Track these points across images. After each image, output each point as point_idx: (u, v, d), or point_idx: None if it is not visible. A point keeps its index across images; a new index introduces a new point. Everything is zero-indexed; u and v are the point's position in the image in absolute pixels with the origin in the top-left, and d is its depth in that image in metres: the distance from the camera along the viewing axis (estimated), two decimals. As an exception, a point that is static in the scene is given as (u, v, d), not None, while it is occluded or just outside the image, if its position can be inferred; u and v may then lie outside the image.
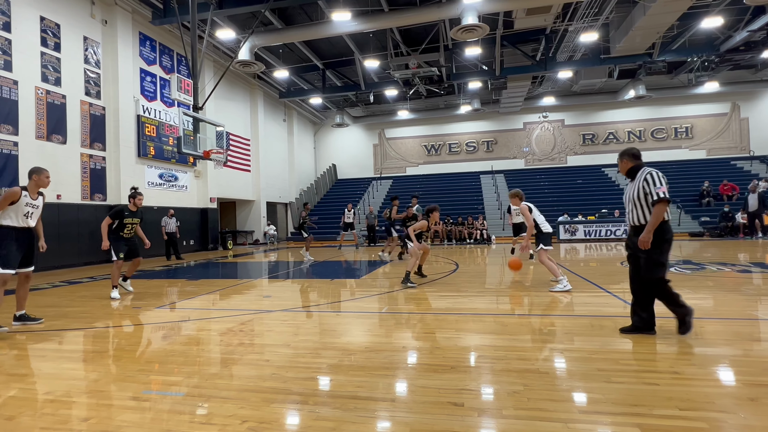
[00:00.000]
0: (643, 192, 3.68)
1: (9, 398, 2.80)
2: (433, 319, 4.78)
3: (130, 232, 6.63)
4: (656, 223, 3.58)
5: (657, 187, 3.61)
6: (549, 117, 26.65)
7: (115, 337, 4.41)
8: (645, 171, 3.74)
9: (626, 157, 3.92)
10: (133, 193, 6.72)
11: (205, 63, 15.95)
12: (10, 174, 10.15)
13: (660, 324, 3.83)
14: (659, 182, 3.63)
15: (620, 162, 3.97)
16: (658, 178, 3.65)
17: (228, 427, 2.32)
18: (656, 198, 3.58)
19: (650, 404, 2.44)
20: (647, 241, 3.60)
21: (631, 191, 3.81)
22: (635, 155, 3.90)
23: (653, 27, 14.70)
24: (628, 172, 3.92)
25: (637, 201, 3.75)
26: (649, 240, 3.60)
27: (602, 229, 17.60)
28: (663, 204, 3.58)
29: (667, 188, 3.63)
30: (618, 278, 7.33)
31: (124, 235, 6.55)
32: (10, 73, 10.25)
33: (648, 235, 3.60)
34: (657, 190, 3.59)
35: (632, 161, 3.89)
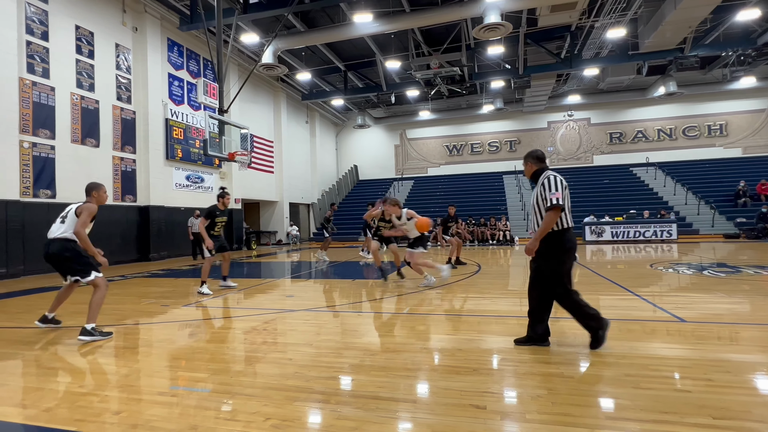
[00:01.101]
0: (541, 197, 3.43)
1: (47, 391, 2.93)
2: (455, 320, 4.74)
3: (220, 229, 7.03)
4: (545, 231, 3.34)
5: (551, 192, 3.35)
6: (574, 116, 26.07)
7: (144, 334, 4.56)
8: (545, 175, 3.49)
9: (530, 159, 3.69)
10: (222, 192, 7.11)
11: (230, 67, 16.30)
12: (47, 177, 10.62)
13: (692, 329, 3.70)
14: (554, 187, 3.37)
15: (525, 165, 3.75)
16: (555, 182, 3.39)
17: (252, 424, 2.36)
18: (549, 204, 3.33)
19: (681, 412, 2.36)
20: (532, 249, 3.39)
21: (533, 196, 3.58)
22: (539, 158, 3.67)
23: (685, 21, 14.18)
24: (531, 176, 3.66)
25: (536, 207, 3.50)
26: (534, 248, 3.38)
27: (630, 231, 17.09)
28: (555, 211, 3.31)
29: (562, 194, 3.34)
30: (647, 281, 7.10)
31: (214, 233, 6.91)
32: (48, 80, 10.73)
33: (534, 243, 3.37)
34: (551, 196, 3.34)
35: (536, 164, 3.65)
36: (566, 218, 3.42)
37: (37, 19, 10.53)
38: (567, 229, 3.43)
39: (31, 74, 10.33)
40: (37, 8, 10.53)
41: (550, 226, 3.34)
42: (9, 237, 9.49)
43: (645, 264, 9.62)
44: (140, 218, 13.21)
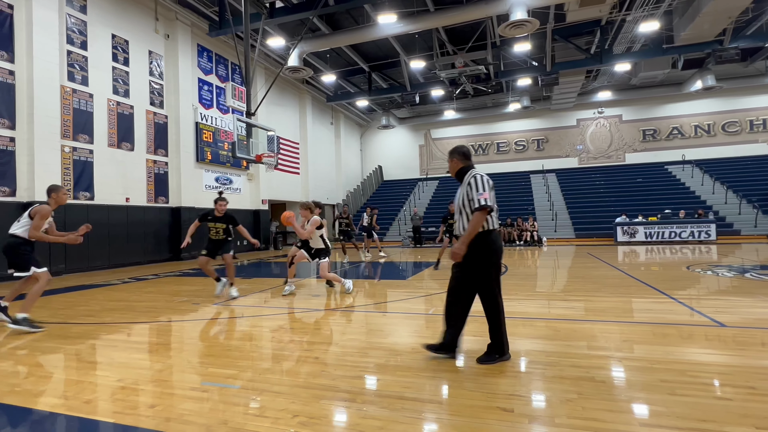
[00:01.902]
0: (467, 198, 3.24)
1: (87, 383, 3.07)
2: (481, 322, 4.68)
3: (216, 235, 6.74)
4: (472, 233, 3.14)
5: (479, 193, 3.17)
6: (605, 112, 25.29)
7: (176, 331, 4.71)
8: (470, 174, 3.29)
9: (456, 156, 3.46)
10: (217, 198, 6.83)
11: (256, 71, 16.67)
12: (86, 179, 11.13)
13: (734, 334, 3.53)
14: (482, 187, 3.18)
15: (449, 162, 3.52)
16: (482, 182, 3.20)
17: (280, 421, 2.40)
18: (476, 205, 3.15)
19: (721, 420, 2.25)
20: (459, 254, 3.17)
21: (458, 196, 3.38)
22: (465, 155, 3.45)
23: (724, 11, 13.53)
24: (456, 174, 3.45)
25: (462, 208, 3.30)
26: (461, 252, 3.16)
27: (665, 231, 16.45)
28: (483, 212, 3.13)
29: (490, 195, 3.18)
30: (683, 283, 6.82)
31: (211, 236, 6.78)
32: (87, 87, 11.24)
33: (461, 246, 3.15)
34: (478, 197, 3.16)
35: (462, 161, 3.43)
36: (492, 220, 3.25)
37: (76, 29, 11.05)
38: (492, 231, 3.26)
39: (71, 82, 10.85)
40: (77, 19, 11.06)
41: (478, 228, 3.14)
42: (52, 237, 9.98)
43: (681, 266, 9.24)
44: (172, 219, 13.66)
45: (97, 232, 11.08)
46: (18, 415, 2.64)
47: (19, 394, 2.91)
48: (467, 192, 3.25)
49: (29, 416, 2.62)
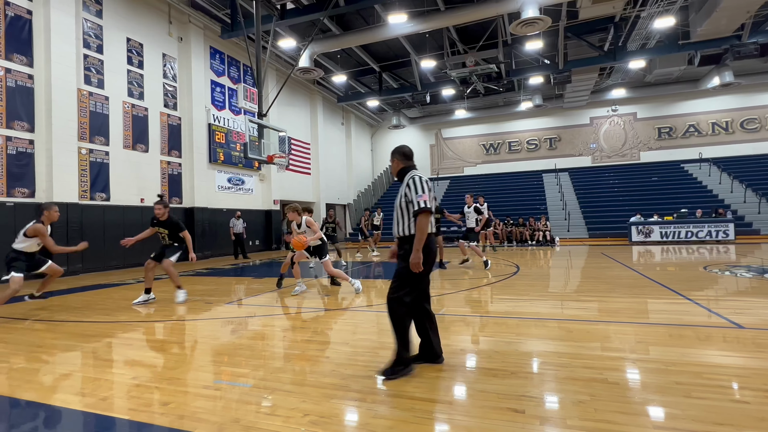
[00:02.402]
0: (406, 200, 3.13)
1: (103, 381, 3.14)
2: (492, 322, 4.66)
3: (163, 239, 6.56)
4: (422, 239, 3.02)
5: (418, 195, 3.05)
6: (619, 110, 24.92)
7: (189, 330, 4.77)
8: (410, 175, 3.18)
9: (396, 156, 3.34)
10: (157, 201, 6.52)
11: (268, 72, 16.81)
12: (102, 180, 11.35)
13: (752, 336, 3.45)
14: (421, 189, 3.07)
15: (391, 162, 3.41)
16: (420, 184, 3.09)
17: (291, 420, 2.42)
18: (417, 208, 3.03)
19: (738, 424, 2.20)
20: (417, 263, 3.03)
21: (397, 197, 3.27)
22: (406, 155, 3.33)
23: (742, 6, 13.21)
24: (397, 174, 3.33)
25: (400, 209, 3.19)
26: (418, 260, 3.02)
27: (681, 231, 16.14)
28: (425, 215, 3.02)
29: (430, 196, 3.06)
30: (700, 284, 6.69)
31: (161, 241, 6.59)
32: (103, 90, 11.46)
33: (416, 254, 3.02)
34: (418, 199, 3.04)
35: (403, 162, 3.31)
36: (432, 223, 3.16)
37: (92, 33, 11.27)
38: (430, 234, 3.14)
39: (87, 85, 11.07)
40: (93, 23, 11.28)
41: (424, 230, 3.03)
42: (69, 237, 10.21)
43: (698, 266, 9.06)
44: (185, 219, 13.84)
45: (112, 233, 11.30)
46: (36, 410, 2.71)
47: (37, 391, 2.98)
48: (406, 193, 3.13)
49: (47, 412, 2.68)
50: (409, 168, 3.29)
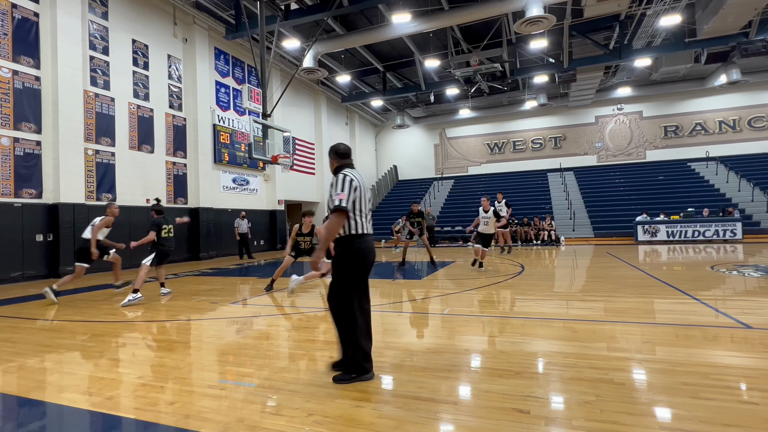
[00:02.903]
0: (330, 198, 3.03)
1: (109, 380, 3.16)
2: (497, 322, 4.65)
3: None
4: (328, 238, 2.96)
5: (336, 193, 2.95)
6: (624, 109, 24.75)
7: (195, 330, 4.79)
8: (338, 173, 3.08)
9: (332, 155, 3.25)
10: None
11: (272, 72, 16.83)
12: (108, 181, 11.42)
13: (760, 336, 3.41)
14: (340, 187, 2.95)
15: (329, 160, 3.32)
16: (342, 182, 2.96)
17: (295, 419, 2.42)
18: (332, 206, 2.92)
19: (747, 425, 2.18)
20: (316, 261, 2.97)
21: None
22: (338, 153, 3.22)
23: (750, 3, 13.07)
24: (334, 173, 3.22)
25: (328, 209, 3.10)
26: (318, 259, 2.96)
27: (688, 230, 16.00)
28: (338, 214, 2.90)
29: (350, 195, 2.93)
30: (707, 284, 6.63)
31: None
32: (108, 92, 11.54)
33: (318, 253, 2.97)
34: (336, 196, 2.93)
35: (337, 160, 3.21)
36: (358, 223, 3.00)
37: (98, 35, 11.35)
38: (357, 235, 2.99)
39: (93, 87, 11.15)
40: (99, 25, 11.36)
41: (334, 231, 2.94)
42: (76, 237, 10.27)
43: (705, 266, 8.98)
44: (191, 219, 13.90)
45: (118, 233, 11.36)
46: (43, 410, 2.73)
47: (44, 390, 3.01)
48: (330, 192, 3.06)
49: (54, 411, 2.71)
50: (344, 166, 3.17)
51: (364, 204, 3.06)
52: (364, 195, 3.07)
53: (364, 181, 3.15)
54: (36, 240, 9.75)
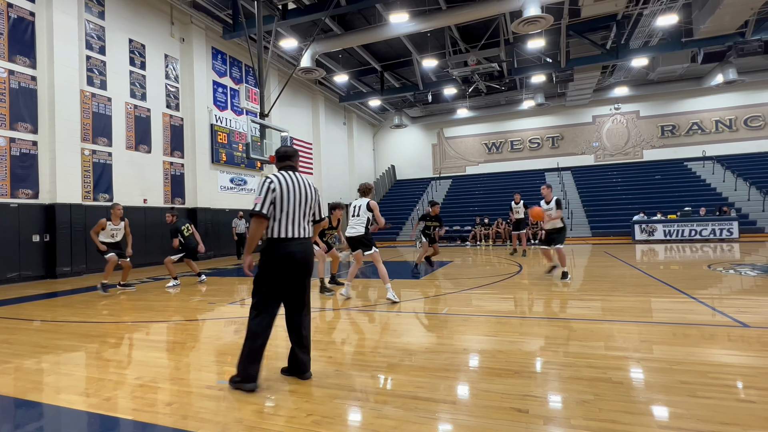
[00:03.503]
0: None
1: (107, 381, 3.14)
2: (495, 321, 4.65)
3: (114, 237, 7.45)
4: (250, 243, 2.91)
5: (256, 197, 2.91)
6: (621, 108, 24.82)
7: (193, 330, 4.78)
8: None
9: (276, 156, 3.19)
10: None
11: (270, 72, 16.80)
12: (105, 181, 11.38)
13: (758, 335, 3.42)
14: (259, 191, 2.91)
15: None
16: (261, 186, 2.91)
17: (294, 420, 2.42)
18: (251, 210, 2.90)
19: (744, 423, 2.19)
20: (248, 265, 2.97)
21: None
22: (278, 156, 3.14)
23: (746, 3, 13.13)
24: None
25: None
26: (247, 264, 2.96)
27: (685, 229, 16.07)
28: (255, 218, 2.86)
29: (263, 199, 2.86)
30: (704, 283, 6.66)
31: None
32: (105, 92, 11.50)
33: (244, 257, 2.97)
34: (255, 201, 2.88)
35: (276, 163, 3.17)
36: (280, 227, 2.90)
37: (95, 34, 11.30)
38: (279, 240, 2.90)
39: (90, 86, 11.10)
40: (95, 25, 11.31)
41: (253, 235, 2.89)
42: (73, 238, 10.25)
43: (702, 265, 9.02)
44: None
45: (116, 233, 11.33)
46: (40, 411, 2.72)
47: (41, 391, 2.99)
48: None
49: (51, 412, 2.69)
50: (281, 169, 3.09)
51: (291, 206, 2.91)
52: (292, 197, 2.92)
53: (298, 182, 2.98)
54: (33, 240, 9.71)
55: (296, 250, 2.93)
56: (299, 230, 2.96)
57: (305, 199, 3.00)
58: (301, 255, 2.95)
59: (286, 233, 2.91)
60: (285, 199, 2.91)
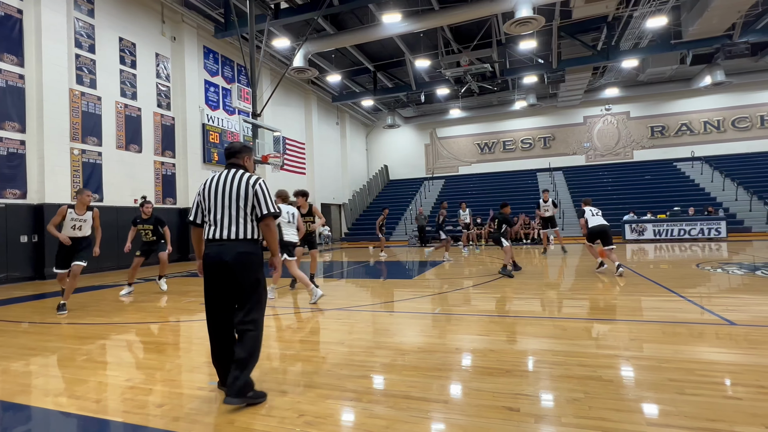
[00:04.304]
0: None
1: (96, 383, 3.11)
2: (487, 321, 4.67)
3: (147, 236, 7.44)
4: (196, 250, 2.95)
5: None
6: (612, 109, 25.07)
7: (184, 331, 4.75)
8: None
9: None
10: (142, 202, 7.50)
11: (262, 72, 16.73)
12: (95, 181, 11.25)
13: (744, 333, 3.47)
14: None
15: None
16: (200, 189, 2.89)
17: (286, 420, 2.41)
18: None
19: (731, 420, 2.23)
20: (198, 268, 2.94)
21: None
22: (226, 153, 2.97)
23: (733, 6, 13.33)
24: None
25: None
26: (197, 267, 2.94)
27: (674, 229, 16.27)
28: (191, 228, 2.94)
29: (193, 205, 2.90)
30: (693, 281, 6.75)
31: (142, 238, 7.47)
32: (95, 90, 11.36)
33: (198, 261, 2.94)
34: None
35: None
36: (206, 230, 2.80)
37: (84, 33, 11.17)
38: (207, 242, 2.79)
39: (80, 85, 10.97)
40: (84, 23, 11.18)
41: (194, 243, 2.94)
42: (62, 238, 10.11)
43: (691, 264, 9.14)
44: (180, 220, 13.76)
45: (106, 234, 11.18)
46: (29, 414, 2.68)
47: (29, 394, 2.96)
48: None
49: (40, 415, 2.66)
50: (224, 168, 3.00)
51: (212, 207, 2.77)
52: (212, 197, 2.77)
53: (224, 180, 2.79)
54: (20, 241, 9.57)
55: (211, 252, 2.73)
56: (218, 231, 2.72)
57: (228, 198, 2.73)
58: (215, 258, 2.69)
59: (207, 235, 2.79)
60: (205, 200, 2.81)
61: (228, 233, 2.72)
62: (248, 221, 2.76)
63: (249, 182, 2.77)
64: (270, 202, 2.79)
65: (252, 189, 2.75)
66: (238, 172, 2.83)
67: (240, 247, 2.71)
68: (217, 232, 2.74)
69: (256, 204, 2.76)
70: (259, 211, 2.76)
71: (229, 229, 2.72)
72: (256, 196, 2.75)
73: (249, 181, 2.77)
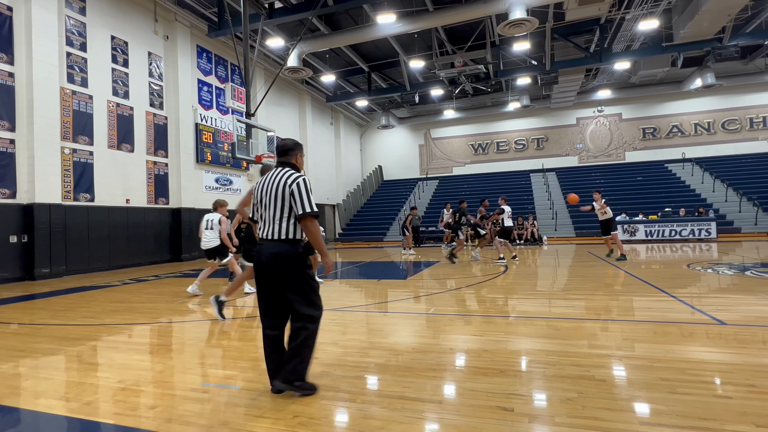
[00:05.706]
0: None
1: (88, 385, 3.07)
2: (481, 321, 4.69)
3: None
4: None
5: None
6: (605, 111, 25.28)
7: (177, 332, 4.71)
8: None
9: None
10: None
11: (256, 71, 16.67)
12: (87, 181, 11.13)
13: (734, 332, 3.52)
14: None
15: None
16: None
17: (280, 421, 2.40)
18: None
19: (721, 419, 2.25)
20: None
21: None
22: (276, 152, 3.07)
23: (724, 9, 13.51)
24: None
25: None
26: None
27: (665, 229, 16.44)
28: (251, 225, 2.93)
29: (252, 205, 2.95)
30: (684, 282, 6.82)
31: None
32: (86, 89, 11.25)
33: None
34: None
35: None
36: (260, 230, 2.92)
37: (76, 31, 11.06)
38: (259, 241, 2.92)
39: (71, 84, 10.85)
40: (76, 21, 11.06)
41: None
42: (52, 239, 10.00)
43: (682, 264, 9.24)
44: (172, 220, 13.67)
45: (97, 234, 11.10)
46: (19, 416, 2.64)
47: (20, 396, 2.92)
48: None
49: (30, 418, 2.62)
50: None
51: (261, 206, 2.84)
52: (260, 197, 2.84)
53: (271, 181, 2.81)
54: (10, 241, 9.44)
55: (255, 252, 2.81)
56: (263, 231, 2.81)
57: (269, 198, 2.77)
58: (257, 257, 2.77)
59: (261, 234, 2.83)
60: (257, 200, 2.88)
61: (268, 233, 2.76)
62: (286, 221, 2.74)
63: (287, 181, 2.74)
64: (307, 201, 2.71)
65: (289, 188, 2.72)
66: (283, 170, 2.82)
67: (276, 247, 2.73)
68: (262, 231, 2.82)
69: (293, 203, 2.72)
70: (296, 210, 2.71)
71: (270, 229, 2.76)
72: (293, 195, 2.71)
73: (287, 181, 2.74)
